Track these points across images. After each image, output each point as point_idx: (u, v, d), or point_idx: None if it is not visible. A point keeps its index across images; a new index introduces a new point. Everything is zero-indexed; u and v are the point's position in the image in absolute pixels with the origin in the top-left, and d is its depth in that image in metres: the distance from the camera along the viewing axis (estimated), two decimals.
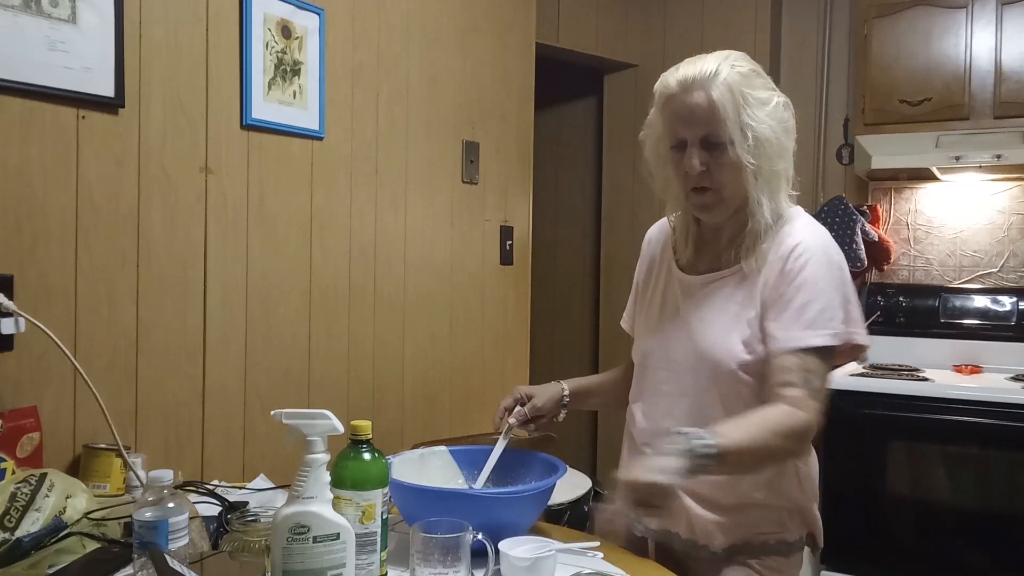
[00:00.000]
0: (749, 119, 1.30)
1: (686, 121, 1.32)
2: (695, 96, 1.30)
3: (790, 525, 1.42)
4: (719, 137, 1.30)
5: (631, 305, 1.63)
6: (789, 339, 1.29)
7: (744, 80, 1.32)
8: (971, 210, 3.27)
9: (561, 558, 1.25)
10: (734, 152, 1.30)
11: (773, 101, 1.34)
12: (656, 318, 1.49)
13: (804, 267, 1.31)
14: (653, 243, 1.58)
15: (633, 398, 1.52)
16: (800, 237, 1.35)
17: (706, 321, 1.39)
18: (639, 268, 1.60)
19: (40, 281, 1.63)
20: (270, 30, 2.05)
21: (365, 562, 1.12)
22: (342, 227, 2.28)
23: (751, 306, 1.35)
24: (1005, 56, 2.86)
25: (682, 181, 1.37)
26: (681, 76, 1.33)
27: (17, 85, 1.58)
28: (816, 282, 1.31)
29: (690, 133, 1.32)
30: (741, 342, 1.34)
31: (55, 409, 1.64)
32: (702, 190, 1.35)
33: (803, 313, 1.30)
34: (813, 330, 1.29)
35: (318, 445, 1.04)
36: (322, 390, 2.22)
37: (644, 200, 3.73)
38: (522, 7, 2.89)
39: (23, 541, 1.18)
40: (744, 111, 1.30)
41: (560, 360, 4.14)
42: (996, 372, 2.97)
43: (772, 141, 1.32)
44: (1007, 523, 2.60)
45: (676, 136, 1.34)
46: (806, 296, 1.30)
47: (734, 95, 1.29)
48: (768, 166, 1.33)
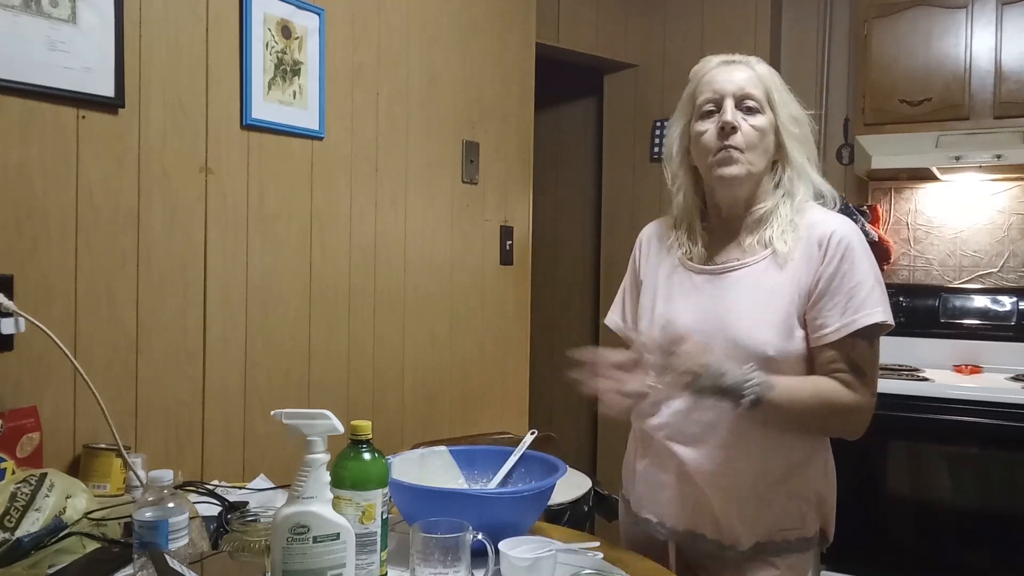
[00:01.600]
0: (783, 97, 1.40)
1: (724, 83, 1.38)
2: (737, 68, 1.40)
3: (809, 520, 1.42)
4: (756, 100, 1.37)
5: (623, 303, 1.62)
6: (842, 326, 1.32)
7: (778, 78, 1.43)
8: (971, 210, 3.27)
9: (561, 558, 1.25)
10: (768, 118, 1.38)
11: (799, 106, 1.44)
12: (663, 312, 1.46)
13: (847, 253, 1.34)
14: (651, 241, 1.57)
15: None
16: (833, 224, 1.38)
17: (736, 312, 1.37)
18: (635, 266, 1.60)
19: (40, 281, 1.63)
20: (270, 30, 2.05)
21: (365, 562, 1.12)
22: (342, 227, 2.28)
23: (786, 293, 1.35)
24: (1005, 56, 2.86)
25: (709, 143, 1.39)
26: (724, 57, 1.43)
27: (17, 85, 1.58)
28: (860, 267, 1.34)
29: (727, 92, 1.37)
30: (778, 329, 1.34)
31: (55, 409, 1.64)
32: (728, 148, 1.37)
33: (852, 298, 1.32)
34: (862, 312, 1.32)
35: (318, 445, 1.04)
36: (322, 390, 2.22)
37: (644, 200, 3.73)
38: (522, 7, 2.89)
39: (23, 541, 1.18)
40: (779, 91, 1.40)
41: (560, 360, 4.14)
42: (996, 372, 2.97)
43: (801, 126, 1.41)
44: (1007, 523, 2.60)
45: (710, 99, 1.39)
46: (853, 281, 1.33)
47: (772, 76, 1.41)
48: (795, 145, 1.40)
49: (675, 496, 1.44)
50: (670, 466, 1.44)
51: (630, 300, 1.61)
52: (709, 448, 1.38)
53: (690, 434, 1.40)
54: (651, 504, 1.49)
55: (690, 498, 1.42)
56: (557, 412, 4.08)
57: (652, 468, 1.48)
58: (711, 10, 3.59)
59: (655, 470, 1.47)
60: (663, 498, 1.46)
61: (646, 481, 1.50)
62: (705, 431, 1.39)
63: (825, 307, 1.33)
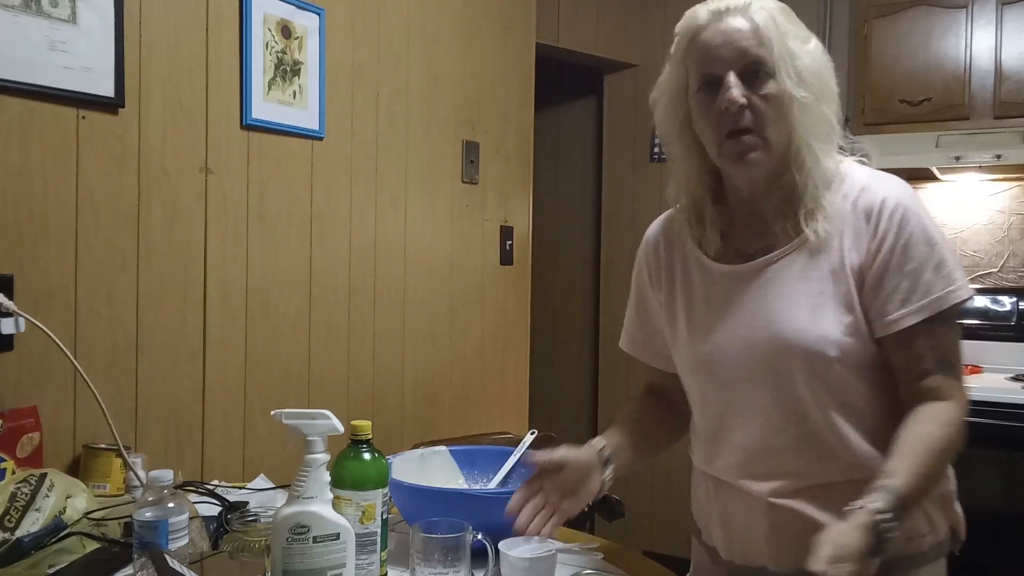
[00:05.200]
0: (793, 48, 1.12)
1: (721, 49, 1.11)
2: (732, 21, 1.12)
3: (937, 521, 1.18)
4: (762, 64, 1.10)
5: (635, 323, 1.38)
6: (909, 313, 1.09)
7: (783, 12, 1.15)
8: (971, 210, 3.27)
9: (561, 558, 1.24)
10: (779, 82, 1.10)
11: (813, 40, 1.16)
12: (699, 325, 1.23)
13: (903, 222, 1.10)
14: (656, 245, 1.33)
15: (699, 425, 1.28)
16: (881, 190, 1.13)
17: (780, 309, 1.14)
18: (641, 278, 1.35)
19: (40, 281, 1.63)
20: (270, 30, 2.05)
21: (365, 562, 1.11)
22: (342, 227, 2.28)
23: (836, 280, 1.12)
24: (1005, 56, 2.86)
25: (714, 130, 1.13)
26: (713, 6, 1.14)
27: (17, 85, 1.58)
28: (922, 236, 1.10)
29: (725, 64, 1.11)
30: (834, 323, 1.11)
31: (55, 409, 1.64)
32: (740, 133, 1.11)
33: (919, 276, 1.09)
34: (935, 294, 1.09)
35: (318, 445, 1.04)
36: (322, 390, 2.22)
37: (644, 200, 3.74)
38: (522, 7, 2.89)
39: (23, 541, 1.18)
40: (787, 39, 1.12)
41: (560, 360, 4.15)
42: (996, 372, 2.97)
43: (818, 77, 1.13)
44: (1007, 523, 2.60)
45: (707, 72, 1.13)
46: (916, 255, 1.09)
47: (776, 22, 1.12)
48: (815, 106, 1.12)
49: (771, 534, 1.19)
50: (758, 506, 1.19)
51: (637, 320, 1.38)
52: (793, 478, 1.16)
53: (766, 468, 1.17)
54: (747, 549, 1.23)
55: (789, 534, 1.16)
56: (557, 412, 4.08)
57: (737, 511, 1.23)
58: None
59: (742, 512, 1.22)
60: (759, 539, 1.20)
61: (735, 527, 1.24)
62: (780, 461, 1.16)
63: (887, 291, 1.10)
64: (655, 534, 3.41)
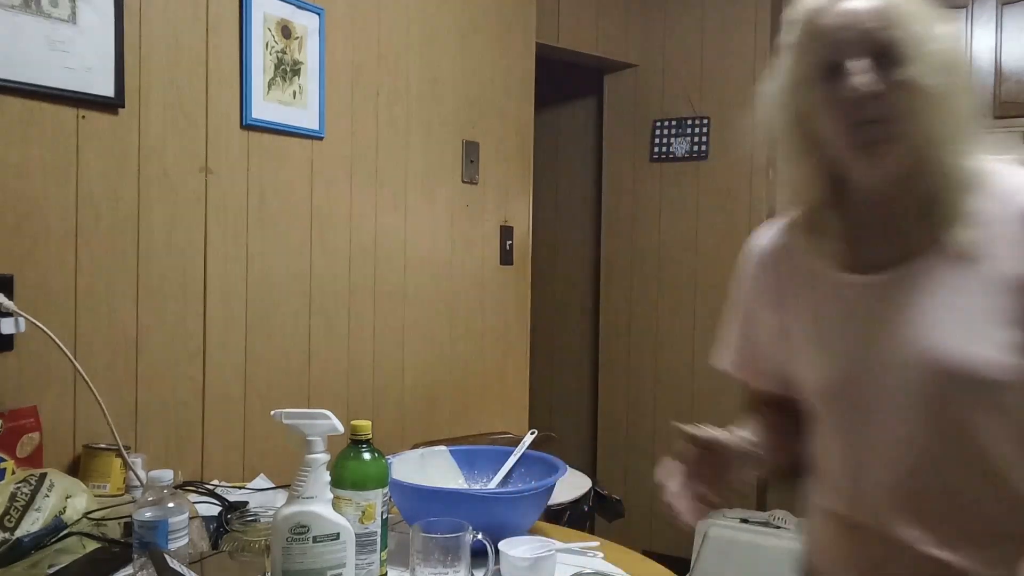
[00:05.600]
0: (924, 31, 0.98)
1: (843, 32, 0.98)
2: (854, 2, 0.99)
3: None
4: (894, 48, 0.96)
5: (740, 341, 1.24)
6: None
7: None
8: None
9: (561, 558, 1.25)
10: (910, 69, 0.96)
11: (945, 24, 1.03)
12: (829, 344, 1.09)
13: None
14: (769, 256, 1.18)
15: (827, 457, 1.12)
16: None
17: (934, 328, 0.99)
18: (749, 293, 1.21)
19: (40, 281, 1.63)
20: (270, 30, 2.05)
21: (365, 562, 1.12)
22: (342, 227, 2.28)
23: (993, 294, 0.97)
24: (1005, 56, 2.86)
25: (838, 121, 1.00)
26: None
27: (17, 85, 1.58)
28: None
29: (849, 49, 0.98)
30: (996, 344, 0.96)
31: (55, 409, 1.64)
32: (868, 124, 0.98)
33: None
34: None
35: (318, 445, 1.04)
36: (322, 390, 2.22)
37: (644, 200, 3.74)
38: (522, 7, 2.89)
39: (23, 541, 1.18)
40: (917, 21, 0.98)
41: (560, 360, 4.15)
42: None
43: (953, 64, 1.00)
44: None
45: (828, 59, 0.99)
46: None
47: (903, 1, 0.99)
48: (951, 96, 0.99)
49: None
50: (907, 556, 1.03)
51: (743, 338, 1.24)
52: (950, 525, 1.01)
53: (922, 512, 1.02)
54: None
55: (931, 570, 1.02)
56: (557, 412, 4.09)
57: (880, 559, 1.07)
58: (711, 10, 3.59)
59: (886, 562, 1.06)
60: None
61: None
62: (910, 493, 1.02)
63: None
64: (655, 534, 3.41)
